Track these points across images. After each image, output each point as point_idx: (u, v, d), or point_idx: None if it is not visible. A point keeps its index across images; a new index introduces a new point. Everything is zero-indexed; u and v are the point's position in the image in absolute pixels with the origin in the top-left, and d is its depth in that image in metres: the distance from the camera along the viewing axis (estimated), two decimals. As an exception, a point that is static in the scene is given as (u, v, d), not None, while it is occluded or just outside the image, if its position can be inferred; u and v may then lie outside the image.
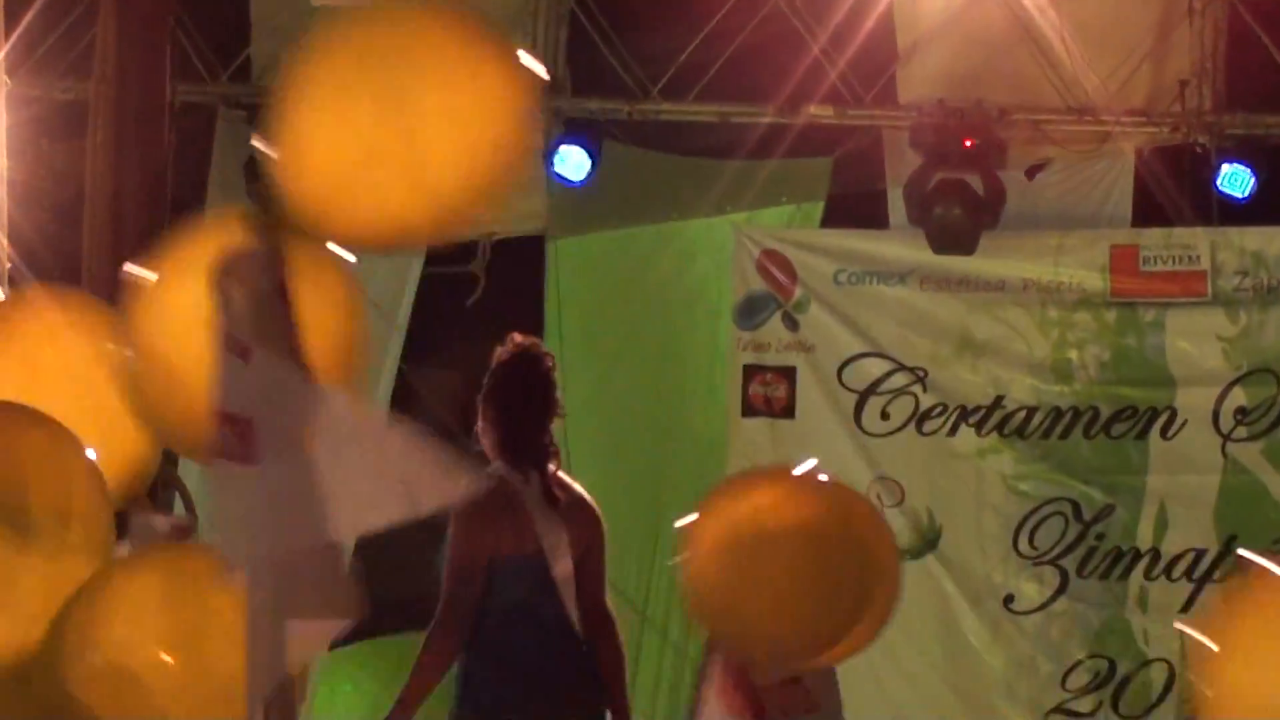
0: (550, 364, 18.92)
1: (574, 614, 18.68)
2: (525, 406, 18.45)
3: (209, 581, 8.95)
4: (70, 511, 9.28)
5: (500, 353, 18.59)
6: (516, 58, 7.27)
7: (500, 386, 18.51)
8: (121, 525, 11.91)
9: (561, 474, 18.57)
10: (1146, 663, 23.01)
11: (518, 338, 18.86)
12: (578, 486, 18.46)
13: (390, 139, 7.12)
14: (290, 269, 8.33)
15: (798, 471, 11.25)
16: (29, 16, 17.12)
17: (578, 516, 18.41)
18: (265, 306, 8.20)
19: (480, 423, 18.51)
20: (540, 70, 8.41)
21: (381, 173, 6.98)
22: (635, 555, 24.83)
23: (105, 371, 9.35)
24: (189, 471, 15.73)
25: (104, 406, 9.54)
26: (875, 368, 23.28)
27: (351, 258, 8.82)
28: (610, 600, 18.80)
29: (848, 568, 9.68)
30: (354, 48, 7.15)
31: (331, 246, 8.71)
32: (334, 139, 7.10)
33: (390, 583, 24.25)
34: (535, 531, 18.06)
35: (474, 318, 24.36)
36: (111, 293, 9.83)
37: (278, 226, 8.26)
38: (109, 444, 9.47)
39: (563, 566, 18.61)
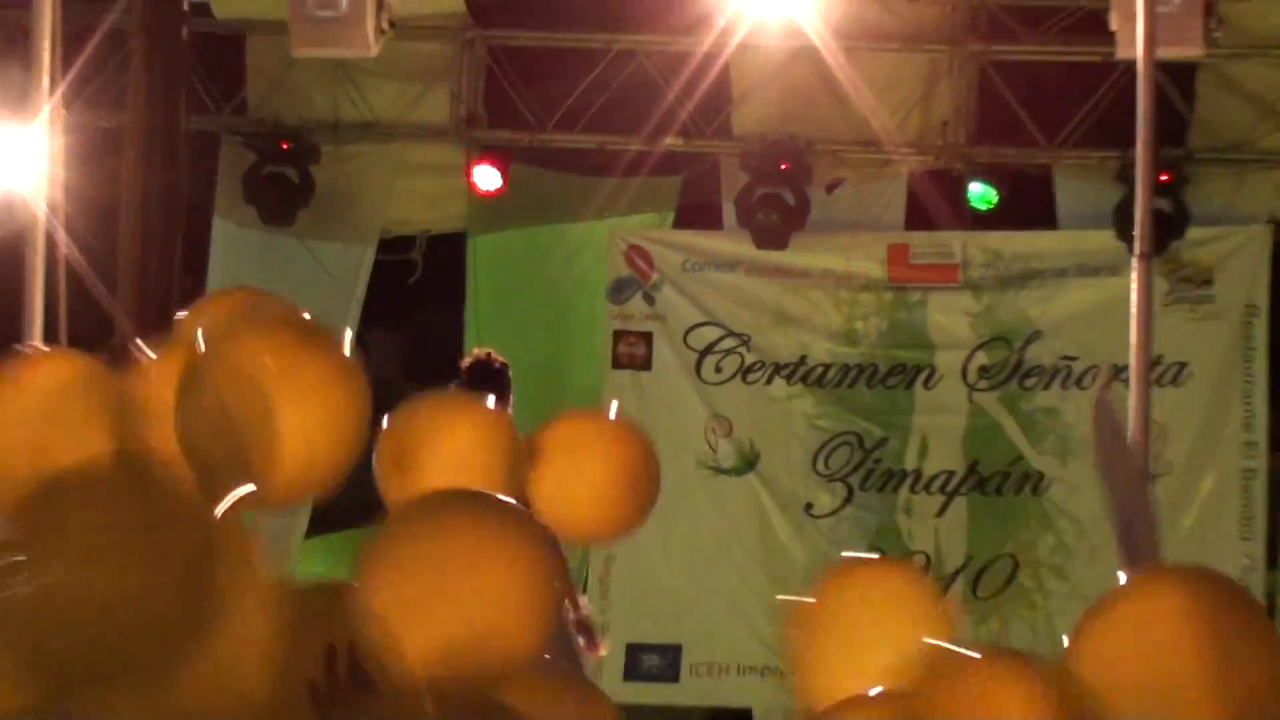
0: (505, 367, 20.42)
1: None
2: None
3: None
4: None
5: (466, 361, 20.45)
6: None
7: (467, 385, 19.68)
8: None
9: None
10: (910, 554, 24.20)
11: (476, 350, 20.97)
12: None
13: None
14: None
15: None
16: (79, 62, 17.49)
17: None
18: None
19: None
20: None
21: None
22: None
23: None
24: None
25: None
26: (711, 334, 25.03)
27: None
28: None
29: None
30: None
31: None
32: None
33: (363, 482, 27.22)
34: None
35: (413, 294, 26.65)
36: (141, 277, 10.31)
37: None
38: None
39: None
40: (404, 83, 24.35)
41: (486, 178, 24.93)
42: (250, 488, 7.31)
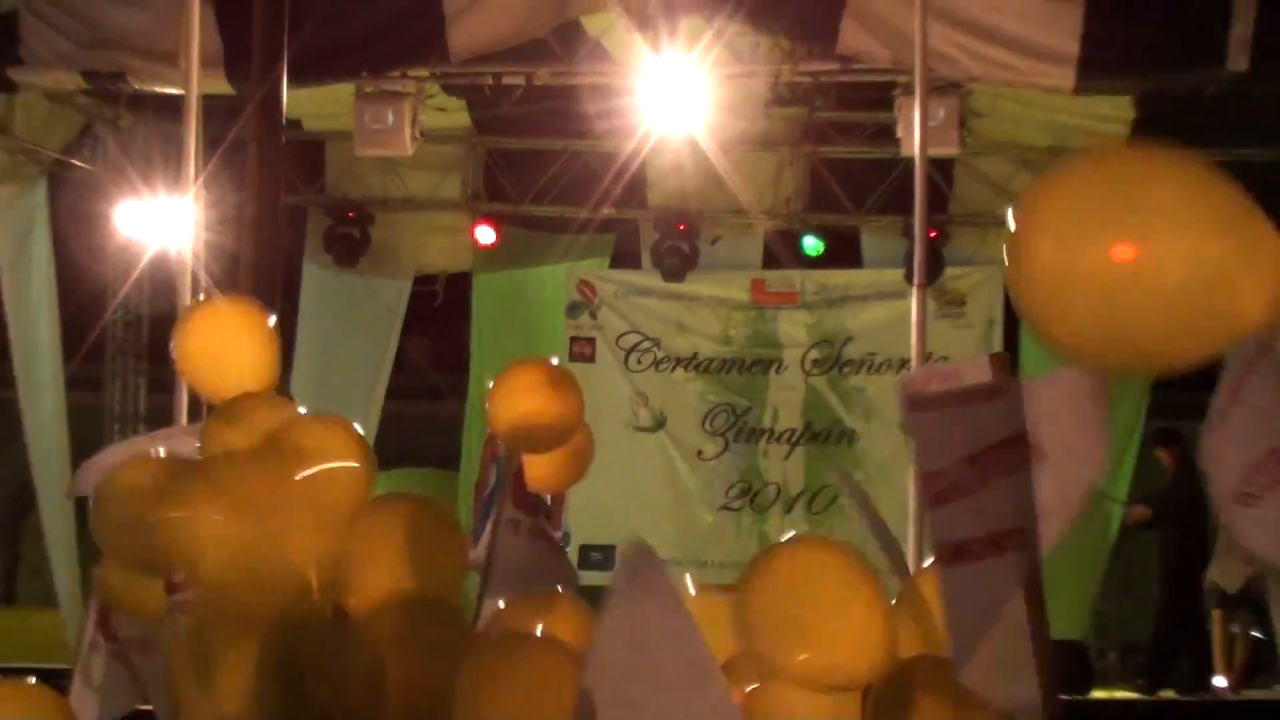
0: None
1: None
2: None
3: None
4: None
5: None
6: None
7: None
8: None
9: None
10: (765, 484, 24.87)
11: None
12: None
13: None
14: None
15: None
16: (214, 158, 16.88)
17: None
18: None
19: None
20: None
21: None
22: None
23: None
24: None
25: None
26: (634, 338, 25.17)
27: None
28: None
29: None
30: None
31: None
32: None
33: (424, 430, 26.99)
34: None
35: (436, 313, 26.25)
36: None
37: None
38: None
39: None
40: (429, 172, 24.30)
41: (485, 235, 24.94)
42: None
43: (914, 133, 17.03)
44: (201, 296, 15.10)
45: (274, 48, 8.38)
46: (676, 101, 20.37)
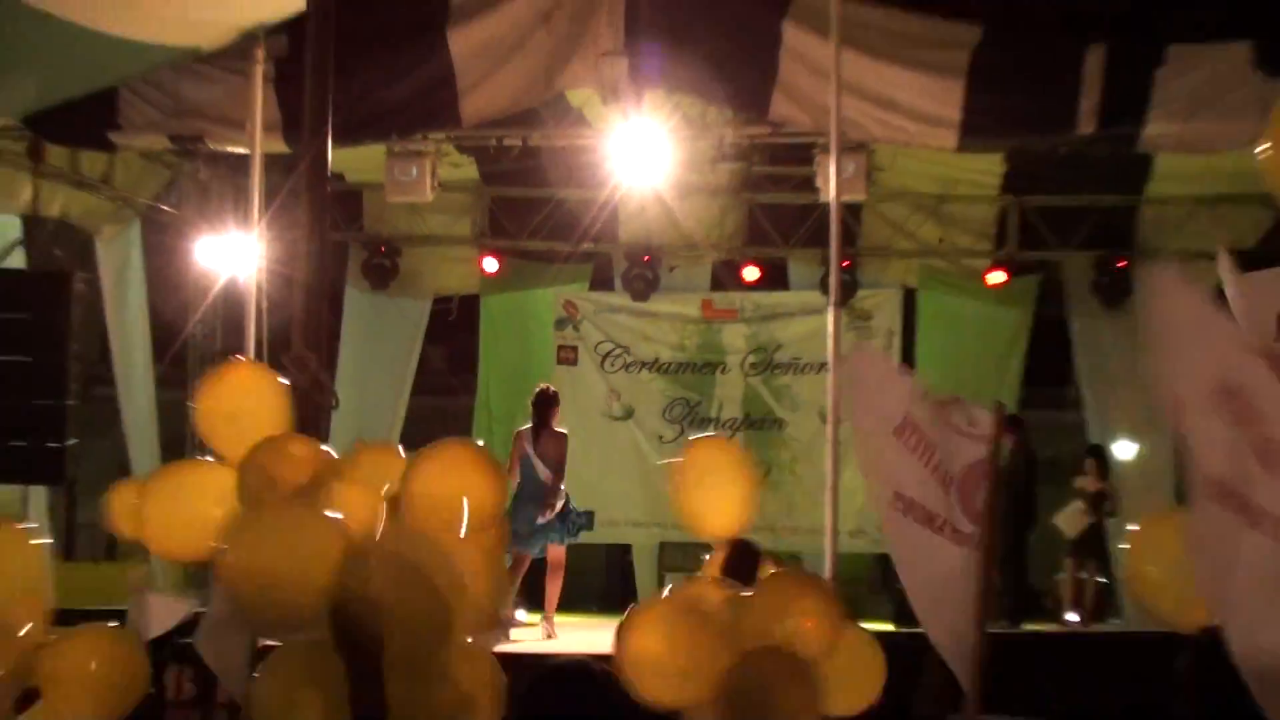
0: (553, 392, 20.39)
1: None
2: (548, 411, 20.00)
3: None
4: None
5: (535, 390, 20.50)
6: None
7: (535, 404, 20.07)
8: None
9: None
10: None
11: (541, 385, 20.88)
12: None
13: None
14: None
15: None
16: (274, 204, 16.50)
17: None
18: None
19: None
20: None
21: None
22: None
23: None
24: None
25: None
26: (608, 346, 25.07)
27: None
28: None
29: None
30: None
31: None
32: None
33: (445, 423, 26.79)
34: None
35: (450, 327, 26.48)
36: (306, 319, 9.69)
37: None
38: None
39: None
40: (445, 214, 24.36)
41: (490, 265, 24.84)
42: None
43: (830, 183, 17.06)
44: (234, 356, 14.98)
45: (321, 116, 8.43)
46: (641, 159, 20.55)
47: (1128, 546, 6.46)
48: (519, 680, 5.25)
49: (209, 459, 7.57)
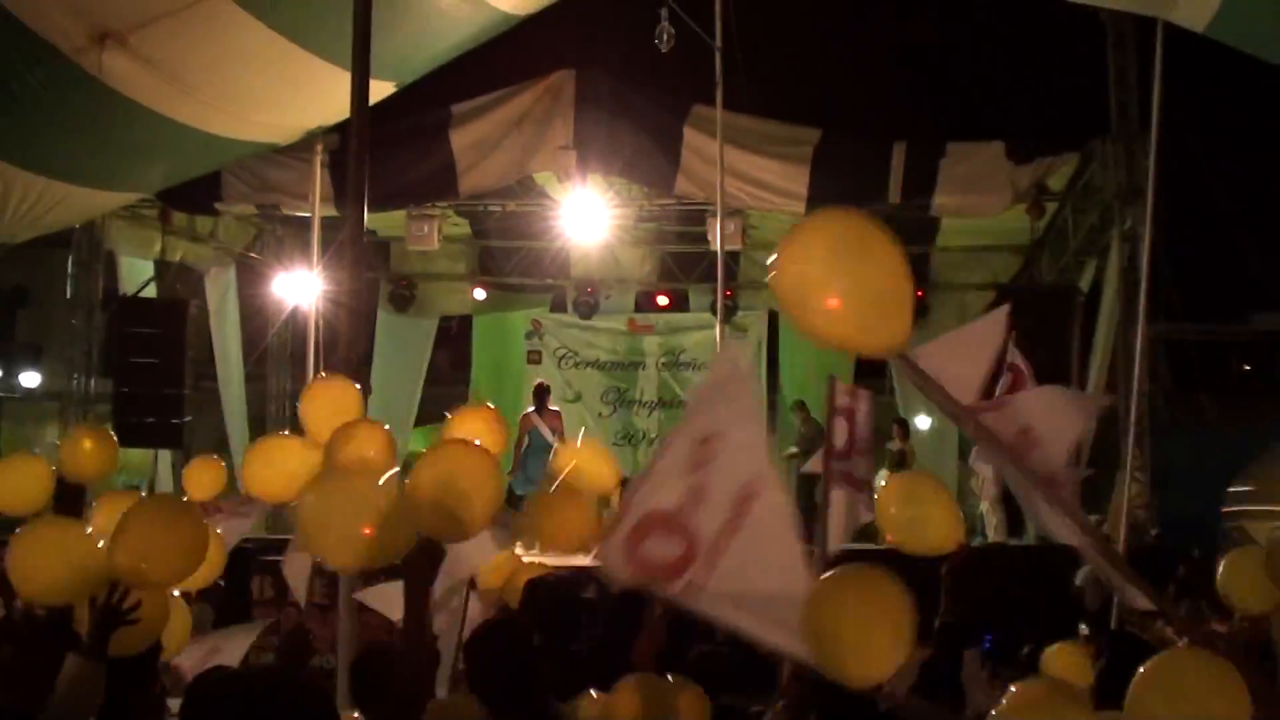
0: (547, 385, 20.45)
1: None
2: (543, 397, 19.98)
3: None
4: None
5: (535, 385, 20.48)
6: None
7: (535, 394, 20.14)
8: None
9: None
10: (637, 431, 24.49)
11: (539, 381, 20.98)
12: None
13: None
14: None
15: None
16: (328, 254, 17.00)
17: None
18: None
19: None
20: None
21: None
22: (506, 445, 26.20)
23: None
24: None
25: None
26: (563, 350, 24.81)
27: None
28: None
29: None
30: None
31: None
32: None
33: (445, 395, 26.57)
34: None
35: (450, 339, 26.73)
36: (351, 333, 9.91)
37: None
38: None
39: None
40: (448, 259, 24.12)
41: (480, 294, 24.54)
42: None
43: (717, 238, 17.17)
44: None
45: (360, 191, 8.44)
46: (586, 220, 20.76)
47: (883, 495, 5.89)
48: (199, 683, 4.56)
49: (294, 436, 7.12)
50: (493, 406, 7.06)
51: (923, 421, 23.78)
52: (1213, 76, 18.14)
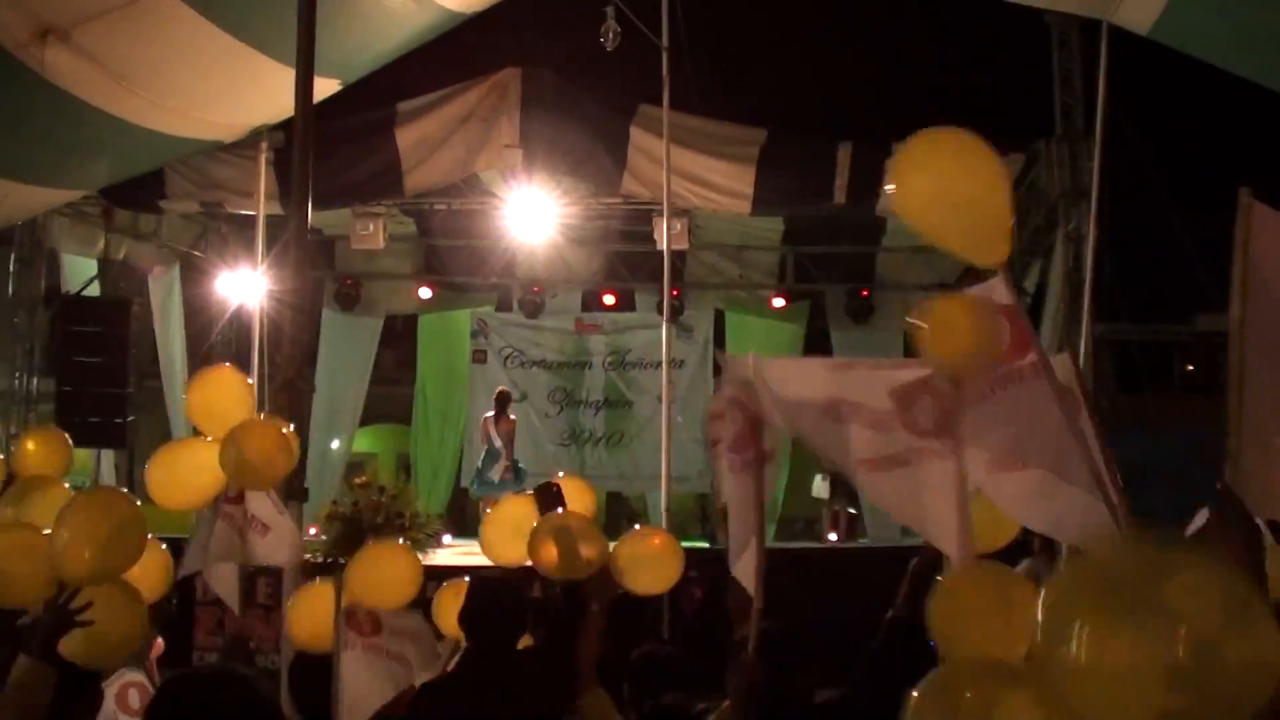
0: (508, 392, 20.64)
1: None
2: (504, 404, 20.11)
3: None
4: None
5: (497, 391, 20.62)
6: None
7: (496, 400, 20.30)
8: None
9: None
10: (583, 431, 24.20)
11: (500, 388, 21.14)
12: None
13: None
14: None
15: None
16: (272, 253, 16.93)
17: None
18: None
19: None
20: None
21: None
22: (450, 444, 25.31)
23: None
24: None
25: None
26: (509, 350, 24.43)
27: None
28: None
29: None
30: None
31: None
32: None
33: (395, 395, 26.47)
34: None
35: (395, 338, 26.45)
36: (294, 332, 9.24)
37: None
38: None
39: None
40: (393, 258, 23.98)
41: (425, 293, 24.47)
42: None
43: (663, 237, 17.19)
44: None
45: (304, 189, 8.42)
46: (532, 219, 20.69)
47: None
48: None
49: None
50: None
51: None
52: (1157, 78, 18.30)
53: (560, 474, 7.79)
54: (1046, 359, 4.27)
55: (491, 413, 20.13)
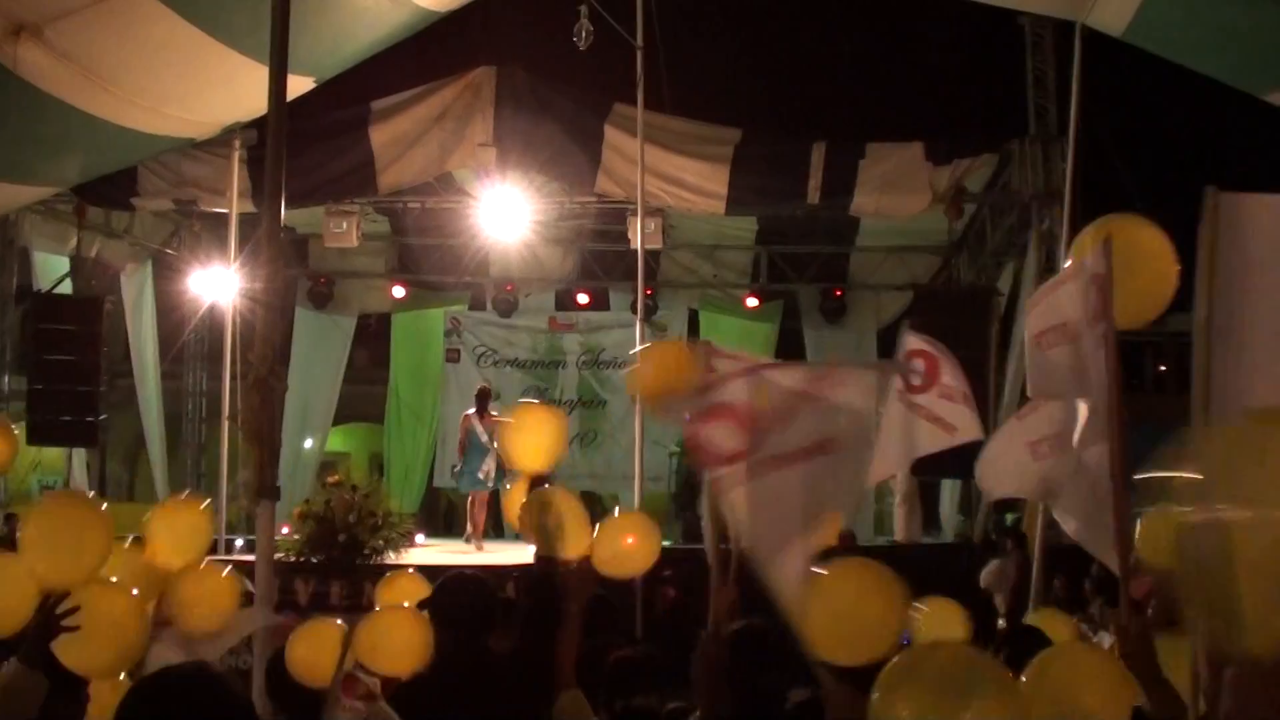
0: (489, 389, 19.95)
1: None
2: (485, 400, 19.32)
3: None
4: None
5: (478, 388, 19.90)
6: None
7: (477, 396, 19.47)
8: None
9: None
10: (572, 439, 24.66)
11: (481, 384, 20.67)
12: None
13: None
14: None
15: None
16: (244, 251, 17.25)
17: None
18: None
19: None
20: None
21: None
22: (423, 443, 25.38)
23: None
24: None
25: None
26: (482, 349, 24.61)
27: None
28: None
29: None
30: None
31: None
32: None
33: (365, 395, 26.58)
34: None
35: (369, 336, 26.49)
36: (267, 331, 9.90)
37: None
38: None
39: None
40: (367, 256, 23.97)
41: (398, 292, 24.50)
42: None
43: (637, 236, 17.17)
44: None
45: (278, 187, 8.38)
46: (505, 218, 20.60)
47: None
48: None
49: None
50: None
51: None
52: (1130, 79, 18.40)
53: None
54: (1114, 334, 4.35)
55: (473, 409, 20.03)
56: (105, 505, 5.68)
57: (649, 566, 7.17)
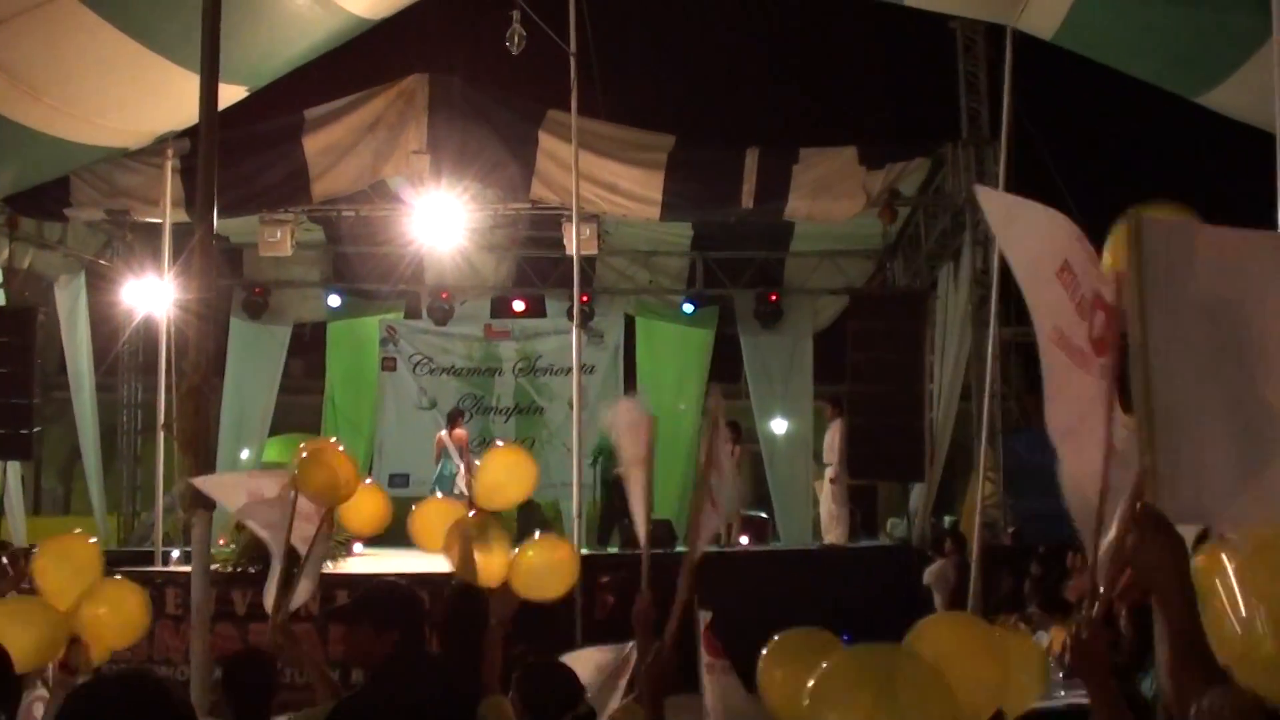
0: (461, 410, 20.53)
1: None
2: (456, 420, 20.18)
3: None
4: None
5: (451, 409, 20.51)
6: None
7: (448, 417, 20.48)
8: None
9: None
10: (494, 437, 22.49)
11: (455, 406, 21.16)
12: None
13: None
14: None
15: None
16: (178, 263, 17.45)
17: None
18: None
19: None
20: None
21: None
22: (360, 452, 24.35)
23: None
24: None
25: None
26: (418, 357, 24.37)
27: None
28: None
29: None
30: None
31: None
32: None
33: (303, 405, 26.39)
34: None
35: (305, 345, 26.24)
36: (199, 339, 9.81)
37: None
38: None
39: None
40: (302, 265, 23.79)
41: (334, 300, 24.30)
42: None
43: (572, 242, 17.20)
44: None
45: (210, 197, 8.37)
46: (440, 225, 20.59)
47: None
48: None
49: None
50: None
51: (779, 425, 24.00)
52: (1061, 83, 18.56)
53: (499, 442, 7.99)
54: (1119, 367, 4.24)
55: (445, 430, 20.42)
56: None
57: (566, 590, 7.19)
